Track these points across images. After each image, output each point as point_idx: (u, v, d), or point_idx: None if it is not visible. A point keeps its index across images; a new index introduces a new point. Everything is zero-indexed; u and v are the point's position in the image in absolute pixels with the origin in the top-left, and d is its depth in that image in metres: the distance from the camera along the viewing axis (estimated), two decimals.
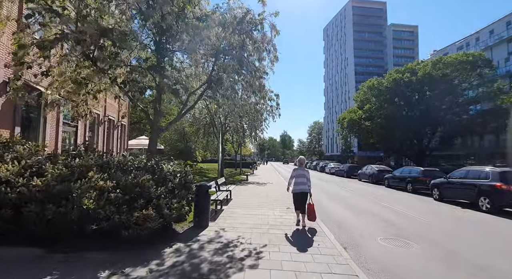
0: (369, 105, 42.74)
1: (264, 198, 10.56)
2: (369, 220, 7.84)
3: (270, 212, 8.08)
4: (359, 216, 8.38)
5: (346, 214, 8.75)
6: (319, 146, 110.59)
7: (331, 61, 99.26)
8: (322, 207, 9.86)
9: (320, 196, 12.73)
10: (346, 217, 8.28)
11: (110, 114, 20.29)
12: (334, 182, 20.69)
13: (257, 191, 13.01)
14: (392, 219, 8.05)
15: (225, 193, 9.23)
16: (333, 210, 9.42)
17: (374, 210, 9.49)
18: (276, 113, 21.54)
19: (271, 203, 9.47)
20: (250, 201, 9.76)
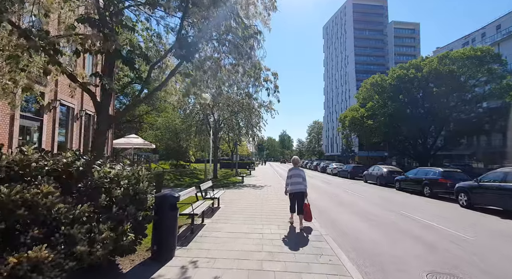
0: (371, 103, 40.93)
1: (260, 206, 8.65)
2: (397, 239, 5.92)
3: (266, 228, 6.15)
4: (381, 232, 6.47)
5: (364, 228, 6.83)
6: (318, 145, 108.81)
7: (331, 60, 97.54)
8: (332, 218, 7.95)
9: (326, 202, 10.79)
10: (365, 234, 6.36)
11: (89, 108, 18.32)
12: (338, 184, 18.79)
13: (252, 196, 11.08)
14: (425, 236, 6.14)
15: (209, 202, 7.31)
16: (346, 221, 7.51)
17: (397, 221, 7.59)
18: (275, 98, 19.59)
19: (267, 214, 7.55)
20: (242, 211, 7.84)
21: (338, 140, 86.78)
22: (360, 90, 43.34)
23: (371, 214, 8.60)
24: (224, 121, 20.18)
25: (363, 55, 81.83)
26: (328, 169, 31.96)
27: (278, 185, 15.57)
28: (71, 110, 16.32)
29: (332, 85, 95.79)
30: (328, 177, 27.39)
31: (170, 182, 14.18)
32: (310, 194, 11.85)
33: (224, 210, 8.02)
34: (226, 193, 11.67)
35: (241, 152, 46.31)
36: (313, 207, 7.38)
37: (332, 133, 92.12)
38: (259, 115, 19.93)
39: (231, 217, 7.18)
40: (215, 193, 8.45)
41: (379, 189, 16.37)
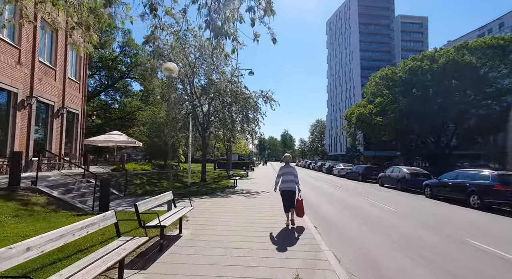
0: (380, 99, 37.75)
1: (250, 232, 5.60)
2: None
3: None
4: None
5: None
6: (321, 145, 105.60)
7: (335, 56, 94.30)
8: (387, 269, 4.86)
9: (353, 223, 7.69)
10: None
11: (70, 105, 15.34)
12: (352, 189, 15.71)
13: (240, 210, 8.04)
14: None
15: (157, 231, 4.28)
16: (389, 262, 4.43)
17: (476, 266, 4.54)
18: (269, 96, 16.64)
19: (261, 246, 4.52)
20: (216, 247, 4.77)
21: (342, 139, 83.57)
22: (368, 85, 40.15)
23: (437, 251, 5.50)
24: (215, 114, 17.14)
25: (368, 50, 78.55)
26: (335, 170, 28.85)
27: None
28: (50, 108, 13.47)
29: (336, 83, 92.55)
30: (336, 179, 24.29)
31: (139, 187, 11.19)
32: (324, 206, 8.94)
33: (185, 244, 4.90)
34: (206, 204, 8.65)
35: (240, 151, 43.30)
36: (341, 235, 4.33)
37: (336, 133, 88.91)
38: (257, 107, 16.90)
39: (190, 266, 4.03)
40: (177, 211, 5.40)
41: (404, 196, 13.26)
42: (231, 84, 16.84)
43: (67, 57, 14.71)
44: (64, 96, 14.51)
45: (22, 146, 11.35)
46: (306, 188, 15.38)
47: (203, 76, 16.30)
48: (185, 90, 16.47)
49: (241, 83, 17.08)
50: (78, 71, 16.38)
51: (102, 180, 7.02)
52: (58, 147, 14.02)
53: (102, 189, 6.96)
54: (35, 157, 12.20)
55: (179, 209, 5.48)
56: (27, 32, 11.39)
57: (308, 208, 8.86)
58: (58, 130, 14.08)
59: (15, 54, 10.77)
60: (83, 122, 17.05)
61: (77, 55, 16.32)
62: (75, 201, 7.08)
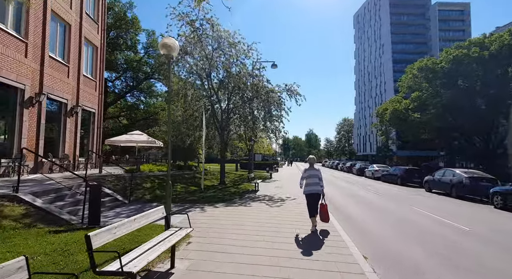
0: (418, 93, 34.03)
1: (273, 266, 3.95)
2: None
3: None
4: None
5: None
6: (349, 144, 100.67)
7: (363, 51, 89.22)
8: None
9: (399, 237, 5.73)
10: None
11: (85, 104, 14.83)
12: (392, 195, 13.43)
13: (261, 224, 6.43)
14: None
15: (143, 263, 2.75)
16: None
17: None
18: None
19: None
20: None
21: (371, 138, 78.64)
22: (404, 78, 36.49)
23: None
24: (234, 111, 15.69)
25: (401, 42, 73.00)
26: (368, 172, 26.14)
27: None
28: (63, 106, 12.99)
29: (365, 79, 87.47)
30: (370, 182, 21.74)
31: (149, 191, 10.01)
32: (367, 218, 6.53)
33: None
34: (219, 215, 7.13)
35: (264, 150, 41.71)
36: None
37: (365, 131, 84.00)
38: (280, 102, 15.18)
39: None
40: (155, 244, 3.88)
41: (465, 206, 10.75)
42: (252, 77, 15.31)
43: (82, 53, 14.11)
44: (79, 94, 13.90)
45: (31, 146, 10.70)
46: (339, 193, 13.37)
47: (221, 69, 14.90)
48: (202, 85, 15.21)
49: (263, 76, 15.47)
50: (94, 68, 15.82)
51: (92, 185, 5.77)
52: (72, 147, 13.43)
53: (92, 198, 5.71)
54: (45, 158, 11.60)
55: (172, 232, 3.97)
56: (35, 25, 10.74)
57: (346, 220, 6.99)
58: (72, 130, 13.48)
59: (21, 48, 10.11)
60: (100, 121, 16.50)
61: (93, 51, 15.79)
62: (63, 212, 5.91)
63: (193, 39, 13.76)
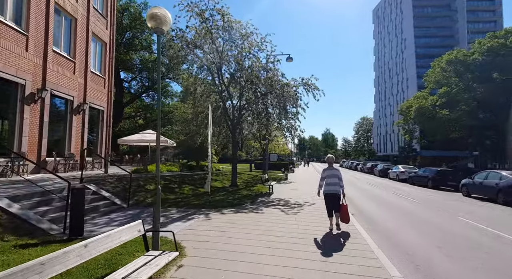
0: (446, 88, 31.43)
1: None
2: None
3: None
4: None
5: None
6: (368, 144, 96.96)
7: (383, 46, 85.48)
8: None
9: (461, 266, 4.38)
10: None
11: (93, 101, 14.37)
12: (426, 200, 11.85)
13: (275, 236, 5.35)
14: None
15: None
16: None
17: None
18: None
19: None
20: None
21: (393, 137, 75.03)
22: (431, 72, 33.93)
23: None
24: (247, 108, 14.64)
25: (425, 36, 69.00)
26: (392, 173, 24.20)
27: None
28: (69, 103, 12.56)
29: (385, 75, 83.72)
30: (395, 184, 19.95)
31: (152, 194, 9.14)
32: (406, 231, 5.27)
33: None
34: (226, 225, 6.07)
35: (279, 150, 40.43)
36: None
37: (385, 130, 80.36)
38: (296, 97, 13.96)
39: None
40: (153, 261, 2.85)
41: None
42: (266, 71, 14.19)
43: (89, 49, 13.61)
44: (86, 91, 13.40)
45: (33, 144, 10.20)
46: (362, 197, 11.95)
47: (232, 63, 13.89)
48: (213, 81, 14.27)
49: (277, 70, 14.31)
50: (103, 65, 15.34)
51: (74, 189, 4.88)
52: (78, 146, 12.92)
53: (74, 204, 4.82)
54: (49, 157, 11.12)
55: (151, 259, 2.92)
56: (37, 17, 10.22)
57: (379, 234, 5.68)
58: (79, 128, 12.98)
59: (22, 41, 9.59)
60: (109, 119, 16.00)
61: (101, 47, 15.32)
62: (43, 219, 5.07)
63: (203, 30, 12.85)
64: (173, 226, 5.88)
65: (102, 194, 7.58)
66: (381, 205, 10.44)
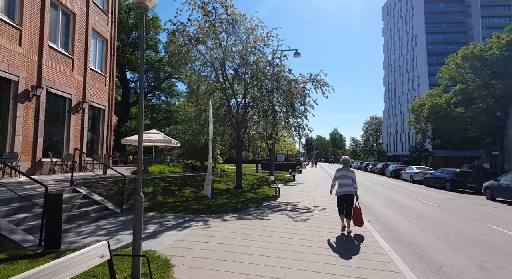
0: (461, 85, 29.99)
1: None
2: None
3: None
4: None
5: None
6: (377, 144, 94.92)
7: (393, 44, 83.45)
8: None
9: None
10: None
11: (93, 100, 13.89)
12: (448, 205, 10.87)
13: (282, 252, 4.58)
14: None
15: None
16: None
17: None
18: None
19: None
20: None
21: (403, 137, 73.09)
22: (445, 69, 32.49)
23: None
24: (252, 106, 13.91)
25: (437, 33, 66.88)
26: (405, 174, 23.07)
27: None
28: (67, 101, 12.11)
29: (395, 74, 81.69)
30: (409, 186, 18.88)
31: (150, 197, 8.50)
32: (455, 259, 5.16)
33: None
34: (225, 236, 5.34)
35: (286, 150, 39.56)
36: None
37: (395, 130, 78.37)
38: (304, 94, 13.17)
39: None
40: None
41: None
42: (272, 67, 13.43)
43: (89, 45, 13.12)
44: (85, 89, 12.91)
45: (27, 144, 9.71)
46: (379, 202, 11.05)
47: (237, 58, 13.18)
48: (216, 77, 13.60)
49: (284, 66, 13.53)
50: (104, 63, 14.86)
51: (49, 195, 4.24)
52: (78, 146, 12.44)
53: (49, 212, 4.18)
54: (46, 157, 10.64)
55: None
56: (31, 10, 9.73)
57: (403, 245, 4.83)
58: (78, 127, 12.50)
59: (14, 36, 9.11)
60: (111, 119, 15.51)
61: (102, 44, 14.84)
62: (17, 229, 4.45)
63: (206, 23, 12.18)
64: (166, 236, 5.19)
65: (94, 198, 6.97)
66: (398, 209, 9.55)
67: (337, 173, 6.04)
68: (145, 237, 5.07)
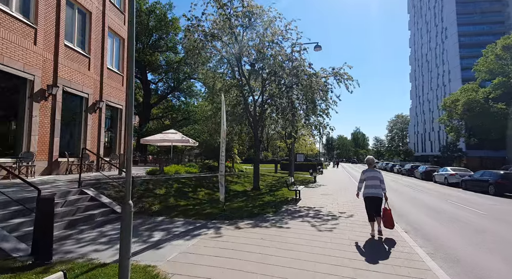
0: (502, 79, 27.22)
1: None
2: None
3: None
4: None
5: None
6: (403, 144, 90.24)
7: (420, 37, 78.83)
8: None
9: None
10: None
11: (111, 99, 13.88)
12: (500, 213, 9.44)
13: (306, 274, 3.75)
14: None
15: None
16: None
17: None
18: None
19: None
20: None
21: (432, 136, 68.70)
22: (482, 61, 29.73)
23: None
24: (270, 103, 13.15)
25: (469, 24, 62.06)
26: (438, 176, 21.18)
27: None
28: (84, 100, 12.15)
29: (423, 69, 77.08)
30: (444, 189, 17.17)
31: (162, 199, 8.02)
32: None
33: None
34: (237, 246, 4.64)
35: (306, 150, 38.33)
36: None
37: (423, 128, 73.91)
38: (326, 89, 12.23)
39: None
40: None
41: None
42: (291, 62, 12.58)
43: (105, 44, 13.05)
44: (102, 88, 12.84)
45: (44, 144, 9.65)
46: (414, 208, 9.85)
47: (253, 52, 12.48)
48: (232, 73, 13.00)
49: (304, 60, 12.63)
50: (121, 62, 14.80)
51: (40, 199, 3.78)
52: (95, 146, 12.38)
53: (40, 219, 3.71)
54: (62, 157, 10.58)
55: None
56: (47, 9, 9.67)
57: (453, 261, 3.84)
58: (95, 127, 12.43)
59: (30, 34, 9.04)
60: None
61: (119, 43, 14.79)
62: (9, 236, 4.06)
63: (221, 17, 11.61)
64: (171, 246, 4.58)
65: (101, 200, 6.57)
66: (437, 217, 8.35)
67: (363, 175, 5.84)
68: (148, 247, 4.51)
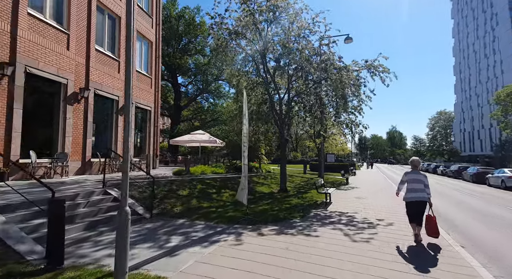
0: None
1: None
2: None
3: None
4: None
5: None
6: (447, 143, 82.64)
7: (465, 26, 71.63)
8: None
9: None
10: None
11: (139, 101, 14.24)
12: None
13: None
14: None
15: None
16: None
17: None
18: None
19: None
20: None
21: (481, 134, 61.88)
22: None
23: None
24: (297, 101, 12.46)
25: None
26: (493, 179, 18.66)
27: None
28: (115, 103, 12.68)
29: (469, 60, 69.88)
30: (503, 194, 14.97)
31: (184, 201, 7.80)
32: None
33: None
34: (258, 257, 4.14)
35: (337, 150, 36.59)
36: None
37: (471, 126, 66.88)
38: (359, 83, 11.24)
39: None
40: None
41: None
42: (319, 56, 11.77)
43: (134, 47, 13.43)
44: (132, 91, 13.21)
45: (77, 145, 10.06)
46: (469, 217, 8.52)
47: (278, 48, 11.90)
48: (257, 70, 12.55)
49: (333, 54, 11.74)
50: (149, 64, 15.15)
51: (52, 201, 3.63)
52: None
53: (52, 221, 3.56)
54: (95, 158, 10.98)
55: None
56: (78, 15, 10.07)
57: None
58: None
59: (62, 40, 9.46)
60: (157, 120, 15.77)
61: (148, 46, 15.16)
62: (26, 238, 4.00)
63: (245, 12, 11.22)
64: (187, 253, 4.22)
65: None
66: (501, 228, 7.03)
67: (405, 177, 5.46)
68: (163, 254, 4.19)
